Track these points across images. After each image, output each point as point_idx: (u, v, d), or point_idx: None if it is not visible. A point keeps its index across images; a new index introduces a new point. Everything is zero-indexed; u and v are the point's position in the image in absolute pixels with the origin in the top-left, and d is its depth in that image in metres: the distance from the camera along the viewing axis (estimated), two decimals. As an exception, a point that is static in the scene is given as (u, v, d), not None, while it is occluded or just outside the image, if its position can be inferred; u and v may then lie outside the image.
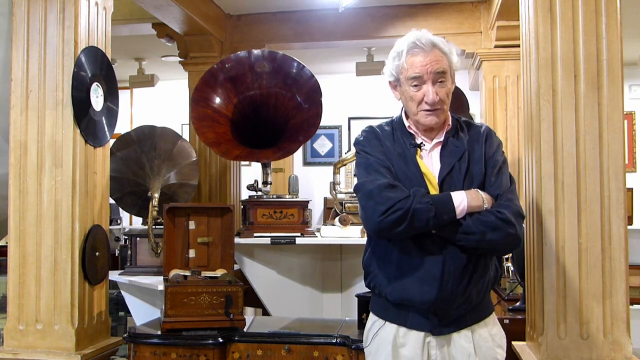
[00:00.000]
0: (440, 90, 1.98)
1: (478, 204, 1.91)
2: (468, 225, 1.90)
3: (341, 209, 3.59)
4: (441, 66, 1.97)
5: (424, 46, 1.98)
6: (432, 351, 1.97)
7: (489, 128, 2.10)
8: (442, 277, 1.91)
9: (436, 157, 2.02)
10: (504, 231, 1.90)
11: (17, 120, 2.79)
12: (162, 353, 2.72)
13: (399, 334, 2.00)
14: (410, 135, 2.05)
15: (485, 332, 2.00)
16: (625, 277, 2.42)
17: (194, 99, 3.63)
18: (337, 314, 3.67)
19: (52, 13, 2.77)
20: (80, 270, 2.76)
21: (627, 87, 6.52)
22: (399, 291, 1.97)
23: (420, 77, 1.98)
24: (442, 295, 1.91)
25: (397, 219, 1.87)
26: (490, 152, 2.02)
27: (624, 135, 2.45)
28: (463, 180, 1.97)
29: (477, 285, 1.96)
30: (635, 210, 6.31)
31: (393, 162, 2.00)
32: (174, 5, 3.81)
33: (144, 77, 6.43)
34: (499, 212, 1.91)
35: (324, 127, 6.43)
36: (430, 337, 1.97)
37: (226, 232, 3.11)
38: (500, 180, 1.98)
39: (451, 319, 1.97)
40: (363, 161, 2.04)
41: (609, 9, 2.44)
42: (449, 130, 2.04)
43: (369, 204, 1.93)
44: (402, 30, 4.52)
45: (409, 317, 1.98)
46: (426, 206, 1.87)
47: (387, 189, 1.91)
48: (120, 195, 3.68)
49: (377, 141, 2.05)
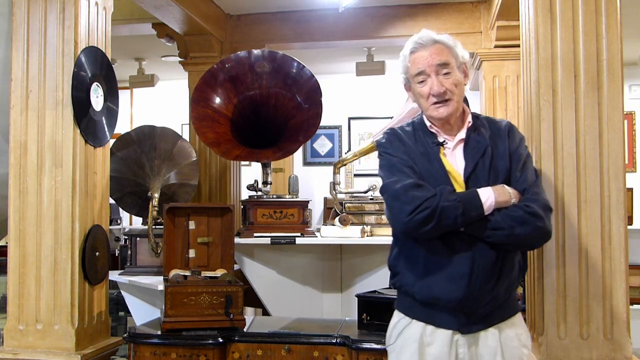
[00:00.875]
0: (445, 81, 1.98)
1: (505, 199, 1.90)
2: (496, 220, 1.88)
3: (341, 209, 3.59)
4: (442, 58, 1.98)
5: (425, 43, 2.00)
6: (460, 349, 1.95)
7: (511, 123, 2.09)
8: (470, 274, 1.90)
9: (459, 154, 2.02)
10: (533, 225, 1.88)
11: (17, 120, 2.80)
12: (162, 353, 2.72)
13: (426, 332, 1.98)
14: (432, 135, 2.05)
15: (512, 332, 1.99)
16: (625, 277, 2.42)
17: (194, 99, 3.63)
18: (337, 314, 3.67)
19: (52, 13, 2.77)
20: (80, 270, 2.76)
21: (627, 87, 6.51)
22: (427, 290, 1.96)
23: (424, 71, 1.99)
24: (470, 293, 1.90)
25: (424, 218, 1.86)
26: (513, 146, 2.01)
27: (624, 135, 2.45)
28: (488, 176, 1.96)
29: (504, 283, 1.95)
30: (635, 210, 6.31)
31: (416, 161, 2.00)
32: (174, 5, 3.81)
33: (144, 77, 6.43)
34: (527, 206, 1.89)
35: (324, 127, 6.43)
36: (458, 335, 1.96)
37: (226, 232, 3.11)
38: (526, 175, 1.97)
39: (479, 317, 1.95)
40: (386, 163, 2.04)
41: (609, 9, 2.45)
42: (470, 127, 2.04)
43: (396, 205, 1.92)
44: (402, 30, 4.53)
45: (436, 315, 1.97)
46: (454, 204, 1.86)
47: (413, 188, 1.90)
48: (120, 195, 3.68)
49: (399, 142, 2.05)
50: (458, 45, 2.04)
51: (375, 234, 3.52)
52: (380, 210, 3.55)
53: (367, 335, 2.69)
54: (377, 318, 2.74)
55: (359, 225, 3.47)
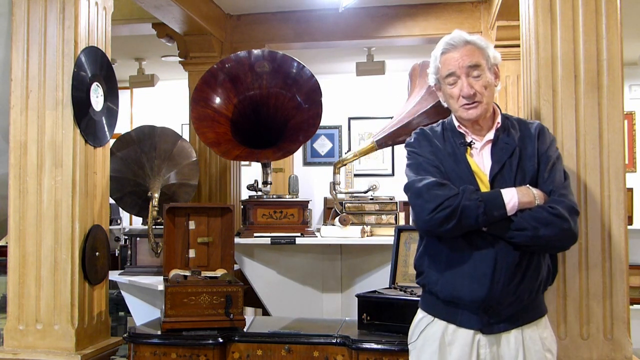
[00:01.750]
0: (475, 83, 1.98)
1: (529, 200, 1.89)
2: (519, 221, 1.88)
3: (341, 209, 3.59)
4: (473, 59, 1.98)
5: (456, 44, 2.00)
6: (481, 350, 1.95)
7: (542, 125, 2.09)
8: (493, 274, 1.90)
9: (487, 155, 2.01)
10: (557, 226, 1.87)
11: (17, 120, 2.80)
12: (162, 353, 2.72)
13: (448, 332, 1.98)
14: (460, 135, 2.05)
15: (536, 335, 1.97)
16: (625, 277, 2.42)
17: (194, 99, 3.63)
18: (337, 314, 3.67)
19: (52, 13, 2.77)
20: (80, 270, 2.76)
21: (627, 87, 6.52)
22: (449, 288, 1.96)
23: (454, 72, 1.99)
24: (492, 293, 1.90)
25: (446, 216, 1.87)
26: (543, 148, 2.00)
27: (624, 135, 2.45)
28: (514, 177, 1.96)
29: (529, 285, 1.94)
30: (635, 210, 6.31)
31: (443, 161, 2.00)
32: (174, 5, 3.81)
33: (144, 77, 6.43)
34: (551, 207, 1.88)
35: (324, 127, 6.44)
36: (479, 335, 1.95)
37: (226, 232, 3.11)
38: (554, 176, 1.96)
39: (502, 318, 1.94)
40: (413, 162, 2.04)
41: (609, 9, 2.44)
42: (499, 128, 2.04)
43: (418, 202, 1.93)
44: (402, 30, 4.53)
45: (459, 314, 1.96)
46: (475, 203, 1.86)
47: (435, 187, 1.91)
48: (120, 195, 3.68)
49: (426, 142, 2.06)
50: (490, 47, 2.03)
51: (375, 234, 3.52)
52: (380, 210, 3.55)
53: (367, 335, 2.69)
54: (378, 318, 2.74)
55: (359, 225, 3.47)
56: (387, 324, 2.70)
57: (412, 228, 3.04)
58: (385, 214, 3.53)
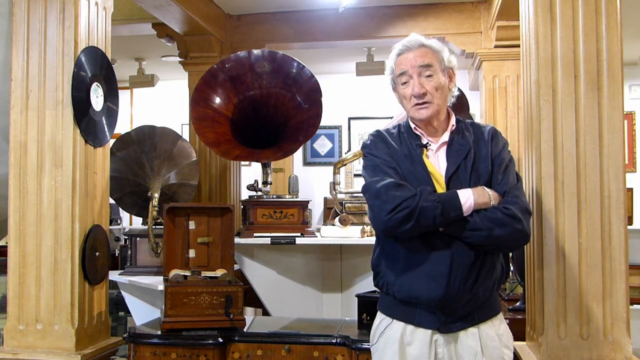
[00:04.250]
0: (427, 83, 2.01)
1: (485, 201, 1.93)
2: (475, 222, 1.91)
3: (341, 209, 3.59)
4: (426, 60, 2.02)
5: (411, 46, 2.05)
6: (439, 349, 1.97)
7: (495, 128, 2.13)
8: (449, 274, 1.92)
9: (442, 156, 2.05)
10: (511, 227, 1.91)
11: (17, 120, 2.79)
12: (162, 353, 2.72)
13: (406, 332, 2.00)
14: (416, 137, 2.08)
15: (492, 332, 2.00)
16: (625, 277, 2.42)
17: (194, 99, 3.63)
18: (337, 314, 3.67)
19: (52, 13, 2.77)
20: (80, 270, 2.76)
21: (627, 87, 6.52)
22: (406, 288, 1.98)
23: (406, 72, 2.03)
24: (449, 292, 1.92)
25: (404, 217, 1.89)
26: (496, 150, 2.04)
27: (624, 135, 2.45)
28: (469, 178, 1.99)
29: (484, 283, 1.97)
30: (635, 210, 6.31)
31: (400, 163, 2.02)
32: (174, 5, 3.81)
33: (144, 77, 6.43)
34: (505, 208, 1.92)
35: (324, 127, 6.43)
36: (437, 334, 1.98)
37: (226, 232, 3.11)
38: (507, 178, 2.00)
39: (458, 317, 1.97)
40: (370, 163, 2.06)
41: (609, 9, 2.44)
42: (454, 130, 2.07)
43: (376, 203, 1.95)
44: (402, 30, 4.53)
45: (416, 314, 1.99)
46: (433, 204, 1.88)
47: (393, 188, 1.93)
48: (120, 195, 3.68)
49: (383, 144, 2.08)
50: (445, 50, 2.08)
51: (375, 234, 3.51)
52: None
53: (367, 335, 2.68)
54: (377, 318, 2.73)
55: (359, 225, 3.47)
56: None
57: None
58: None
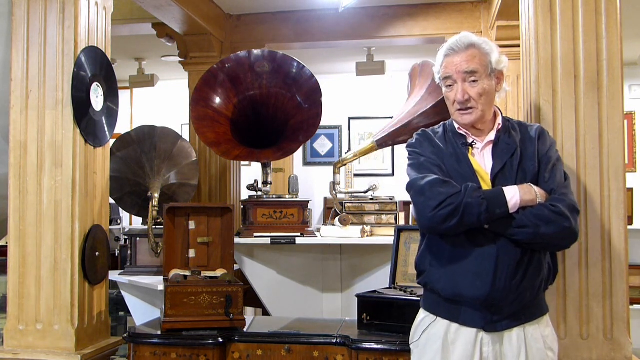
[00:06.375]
0: (471, 89, 1.99)
1: (531, 198, 1.91)
2: (521, 218, 1.89)
3: (341, 209, 3.59)
4: (471, 66, 1.99)
5: (458, 48, 2.01)
6: (484, 348, 1.95)
7: (542, 127, 2.10)
8: (495, 272, 1.90)
9: (488, 155, 2.03)
10: (558, 224, 1.88)
11: (17, 120, 2.80)
12: (162, 353, 2.72)
13: (451, 330, 1.98)
14: (461, 136, 2.07)
15: (538, 333, 1.98)
16: (625, 277, 2.42)
17: (194, 99, 3.63)
18: (337, 314, 3.67)
19: (52, 13, 2.77)
20: (80, 270, 2.76)
21: (627, 87, 6.52)
22: (452, 286, 1.97)
23: (450, 76, 2.02)
24: (494, 291, 1.90)
25: (448, 213, 1.87)
26: (543, 149, 2.02)
27: (624, 135, 2.45)
28: (515, 176, 1.97)
29: (530, 282, 1.95)
30: (635, 210, 6.30)
31: (445, 161, 2.01)
32: (174, 5, 3.81)
33: (144, 77, 6.43)
34: (553, 205, 1.90)
35: (324, 127, 6.43)
36: (482, 333, 1.95)
37: (226, 232, 3.11)
38: (555, 176, 1.97)
39: (504, 316, 1.95)
40: (414, 162, 2.05)
41: (609, 9, 2.45)
42: (500, 130, 2.05)
43: (420, 200, 1.94)
44: (402, 30, 4.53)
45: (462, 312, 1.97)
46: (477, 200, 1.87)
47: (438, 184, 1.92)
48: (120, 195, 3.68)
49: (428, 142, 2.08)
50: (494, 51, 2.03)
51: (375, 234, 3.52)
52: (380, 210, 3.55)
53: (367, 335, 2.69)
54: (377, 318, 2.74)
55: (359, 225, 3.47)
56: (387, 324, 2.70)
57: (412, 228, 3.04)
58: (385, 214, 3.53)
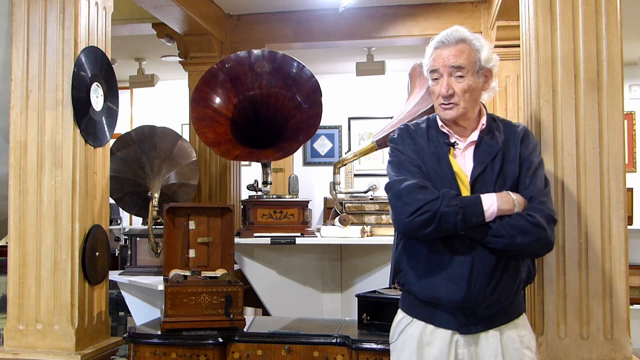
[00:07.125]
0: (456, 85, 1.97)
1: (509, 207, 1.90)
2: (497, 228, 1.88)
3: (341, 209, 3.59)
4: (459, 60, 1.96)
5: (448, 42, 1.99)
6: (459, 350, 1.96)
7: (527, 128, 2.08)
8: (470, 277, 1.90)
9: (469, 156, 2.01)
10: (534, 235, 1.88)
11: (17, 120, 2.80)
12: (162, 353, 2.72)
13: (426, 332, 1.99)
14: (444, 135, 2.04)
15: (514, 334, 1.98)
16: (625, 277, 2.42)
17: (194, 99, 3.63)
18: (337, 314, 3.67)
19: (52, 13, 2.77)
20: (80, 270, 2.76)
21: (627, 87, 6.52)
22: (428, 289, 1.97)
23: (437, 69, 2.00)
24: (469, 296, 1.90)
25: (425, 220, 1.87)
26: (525, 153, 1.99)
27: (624, 135, 2.45)
28: (495, 180, 1.96)
29: (506, 287, 1.94)
30: (635, 210, 6.30)
31: (425, 161, 1.99)
32: (174, 5, 3.81)
33: (144, 77, 6.44)
34: (529, 215, 1.89)
35: (324, 127, 6.44)
36: (457, 335, 1.96)
37: (226, 232, 3.11)
38: (535, 183, 1.95)
39: (479, 319, 1.95)
40: (395, 159, 2.04)
41: (609, 9, 2.44)
42: (484, 130, 2.03)
43: (398, 205, 1.93)
44: (402, 30, 4.53)
45: (437, 315, 1.97)
46: (454, 209, 1.86)
47: (416, 189, 1.91)
48: (120, 195, 3.68)
49: (410, 140, 2.05)
50: (485, 48, 2.00)
51: (375, 234, 3.52)
52: (380, 210, 3.55)
53: (367, 335, 2.69)
54: (377, 318, 2.74)
55: (359, 225, 3.47)
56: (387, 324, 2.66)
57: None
58: (385, 214, 3.53)
